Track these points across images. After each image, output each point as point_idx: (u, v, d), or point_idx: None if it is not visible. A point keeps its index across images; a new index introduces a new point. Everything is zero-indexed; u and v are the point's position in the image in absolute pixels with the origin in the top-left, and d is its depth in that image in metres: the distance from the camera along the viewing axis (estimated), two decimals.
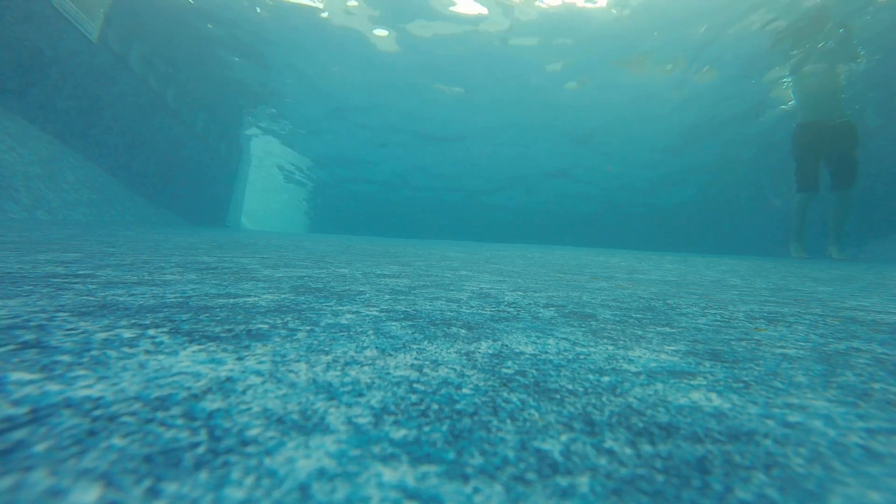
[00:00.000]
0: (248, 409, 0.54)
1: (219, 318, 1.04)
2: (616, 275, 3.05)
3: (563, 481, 0.42)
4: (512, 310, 1.38)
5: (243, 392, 0.59)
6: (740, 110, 17.11)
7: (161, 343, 0.80)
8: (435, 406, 0.59)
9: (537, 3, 13.38)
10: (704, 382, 0.74)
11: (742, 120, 17.65)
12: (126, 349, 0.75)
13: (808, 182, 8.48)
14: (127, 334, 0.85)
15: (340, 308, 1.25)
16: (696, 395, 0.67)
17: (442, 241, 11.95)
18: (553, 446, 0.49)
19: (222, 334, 0.89)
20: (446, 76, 17.03)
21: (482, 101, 18.49)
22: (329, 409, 0.56)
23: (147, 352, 0.75)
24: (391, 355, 0.81)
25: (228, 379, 0.64)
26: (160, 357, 0.72)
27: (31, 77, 9.49)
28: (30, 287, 1.28)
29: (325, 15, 13.91)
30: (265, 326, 0.98)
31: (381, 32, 14.74)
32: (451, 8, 13.70)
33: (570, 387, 0.69)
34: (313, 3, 13.42)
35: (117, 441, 0.45)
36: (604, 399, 0.64)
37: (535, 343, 0.96)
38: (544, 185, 27.77)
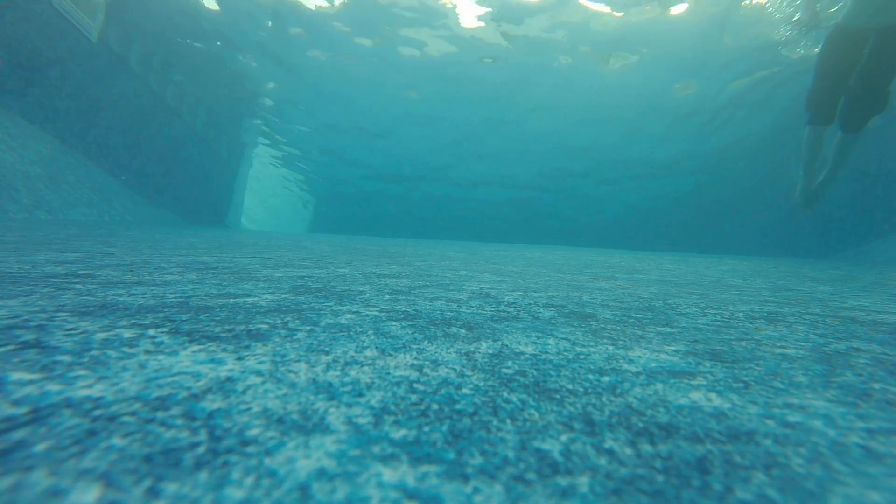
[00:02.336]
0: (248, 409, 0.54)
1: (219, 318, 1.04)
2: (616, 275, 3.05)
3: (563, 481, 0.42)
4: (512, 310, 1.38)
5: (243, 392, 0.59)
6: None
7: (161, 343, 0.80)
8: (435, 406, 0.59)
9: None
10: (704, 382, 0.74)
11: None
12: (126, 349, 0.75)
13: (824, 111, 6.16)
14: (127, 334, 0.85)
15: (340, 308, 1.25)
16: (696, 395, 0.67)
17: (442, 242, 11.95)
18: (553, 446, 0.49)
19: (222, 334, 0.89)
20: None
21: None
22: (329, 409, 0.56)
23: (147, 352, 0.75)
24: (391, 355, 0.81)
25: (228, 379, 0.64)
26: (160, 357, 0.72)
27: (31, 77, 9.49)
28: (30, 287, 1.28)
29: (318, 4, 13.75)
30: (265, 326, 0.98)
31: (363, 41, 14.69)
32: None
33: (570, 387, 0.69)
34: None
35: (117, 441, 0.45)
36: (604, 399, 0.64)
37: (536, 343, 0.96)
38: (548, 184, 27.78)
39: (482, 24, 14.40)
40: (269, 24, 13.85)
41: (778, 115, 16.91)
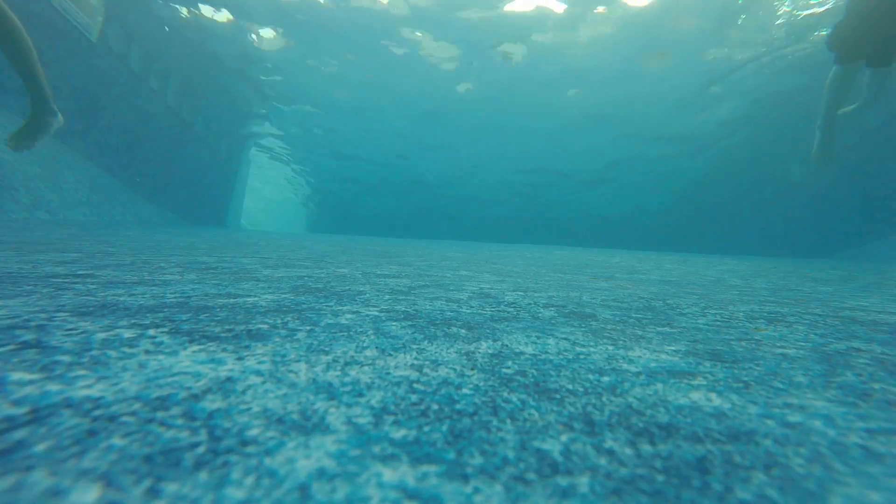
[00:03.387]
0: (248, 409, 0.54)
1: (219, 318, 1.04)
2: (616, 275, 3.05)
3: (563, 481, 0.42)
4: (512, 310, 1.38)
5: (243, 392, 0.59)
6: None
7: (161, 343, 0.80)
8: (435, 406, 0.59)
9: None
10: (704, 382, 0.74)
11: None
12: (126, 349, 0.75)
13: (859, 46, 4.96)
14: (127, 334, 0.85)
15: (340, 308, 1.25)
16: (696, 395, 0.67)
17: (442, 242, 11.96)
18: (553, 446, 0.49)
19: (222, 334, 0.89)
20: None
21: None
22: (329, 409, 0.56)
23: (147, 352, 0.75)
24: (391, 355, 0.81)
25: (228, 379, 0.64)
26: (160, 357, 0.72)
27: None
28: (30, 287, 1.28)
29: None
30: (265, 326, 0.98)
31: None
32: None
33: (570, 387, 0.69)
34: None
35: (117, 441, 0.45)
36: (604, 399, 0.64)
37: (536, 343, 0.96)
38: (547, 184, 27.80)
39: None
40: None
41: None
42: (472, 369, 0.75)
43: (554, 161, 24.09)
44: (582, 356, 0.87)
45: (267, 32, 14.84)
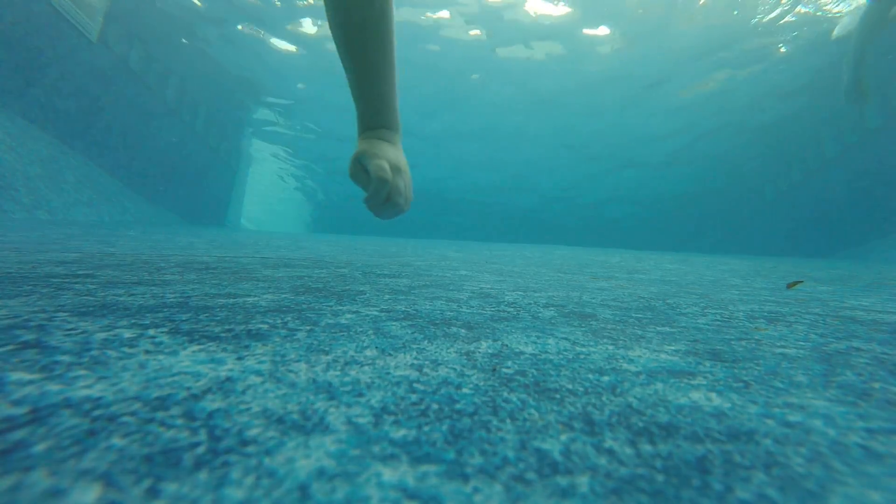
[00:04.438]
0: (248, 408, 0.54)
1: (219, 317, 1.03)
2: (616, 274, 3.05)
3: (562, 481, 0.42)
4: (512, 309, 1.38)
5: (243, 392, 0.59)
6: None
7: (161, 343, 0.80)
8: (435, 406, 0.58)
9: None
10: (704, 382, 0.73)
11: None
12: (126, 349, 0.75)
13: None
14: (127, 334, 0.85)
15: (340, 308, 1.25)
16: (695, 395, 0.67)
17: (442, 241, 11.95)
18: (553, 446, 0.49)
19: (222, 334, 0.89)
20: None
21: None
22: (329, 408, 0.56)
23: (147, 352, 0.75)
24: (391, 355, 0.81)
25: (228, 379, 0.64)
26: (160, 357, 0.72)
27: (31, 77, 9.49)
28: (30, 287, 1.28)
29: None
30: (265, 326, 0.98)
31: None
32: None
33: (569, 386, 0.69)
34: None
35: (117, 441, 0.45)
36: (604, 399, 0.64)
37: (535, 343, 0.96)
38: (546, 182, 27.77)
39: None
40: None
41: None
42: (472, 369, 0.75)
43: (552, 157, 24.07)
44: (582, 356, 0.87)
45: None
